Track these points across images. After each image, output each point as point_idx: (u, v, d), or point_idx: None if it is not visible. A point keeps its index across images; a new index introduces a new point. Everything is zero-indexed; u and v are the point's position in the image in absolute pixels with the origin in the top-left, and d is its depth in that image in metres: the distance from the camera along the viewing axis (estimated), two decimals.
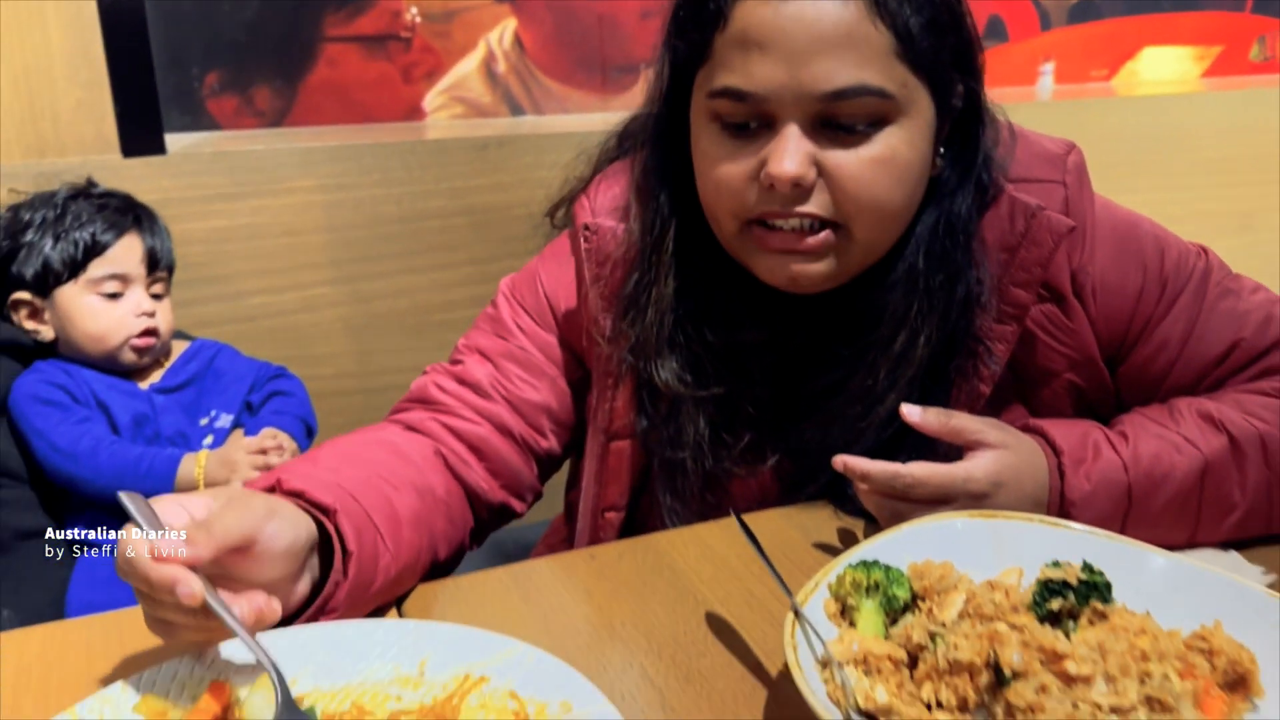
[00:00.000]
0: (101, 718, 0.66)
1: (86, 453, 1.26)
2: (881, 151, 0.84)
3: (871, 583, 0.72)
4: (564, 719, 0.65)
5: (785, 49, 0.82)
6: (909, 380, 0.92)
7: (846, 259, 0.89)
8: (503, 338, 1.06)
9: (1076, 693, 0.60)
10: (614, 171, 1.04)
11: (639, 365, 0.97)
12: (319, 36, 1.78)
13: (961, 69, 0.89)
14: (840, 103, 0.82)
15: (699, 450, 0.97)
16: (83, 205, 1.35)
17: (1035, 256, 0.92)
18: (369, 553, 0.79)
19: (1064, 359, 0.98)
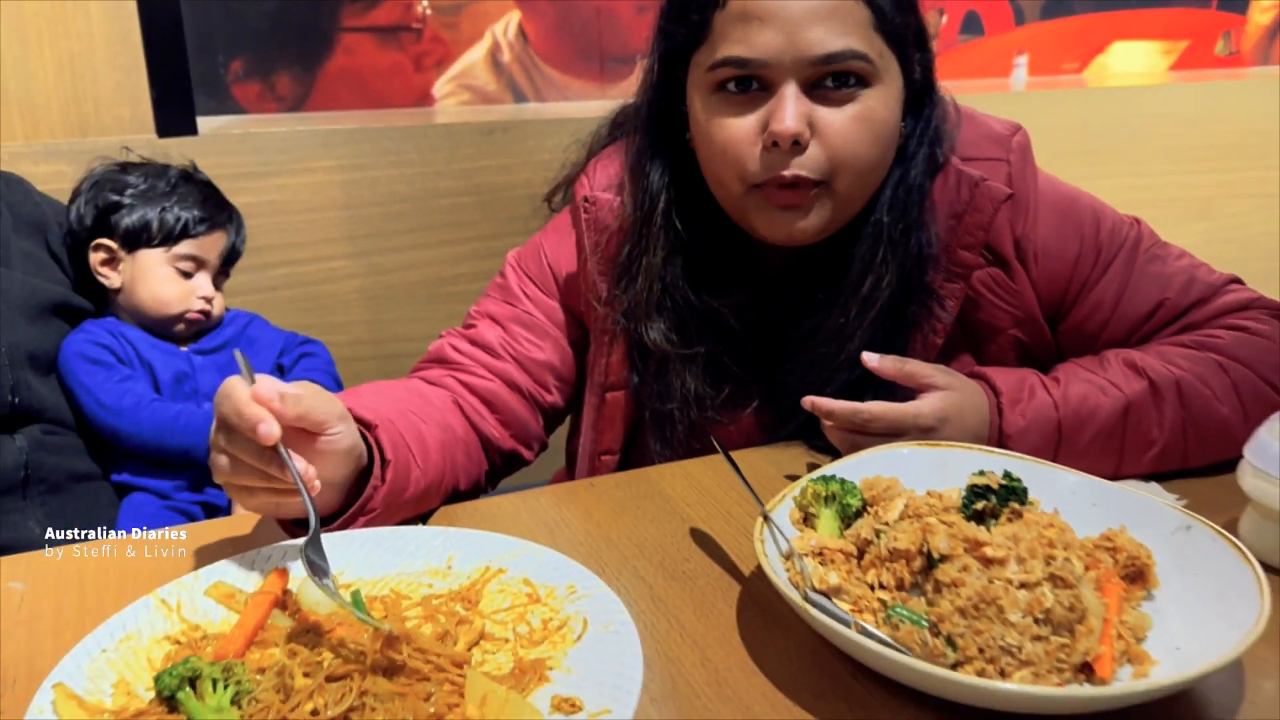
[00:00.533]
0: (179, 599, 0.79)
1: (129, 409, 1.35)
2: (863, 110, 0.97)
3: (829, 493, 0.85)
4: (570, 600, 0.78)
5: (782, 20, 0.95)
6: (873, 320, 1.04)
7: (832, 212, 1.01)
8: (510, 304, 1.17)
9: (992, 572, 0.73)
10: (609, 154, 1.15)
11: (630, 327, 1.09)
12: (336, 27, 1.85)
13: (918, 45, 1.03)
14: (831, 65, 0.95)
15: (685, 402, 1.09)
16: (191, 189, 1.46)
17: (978, 221, 1.04)
18: (403, 465, 0.91)
19: (1009, 317, 1.10)
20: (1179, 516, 0.82)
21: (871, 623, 0.73)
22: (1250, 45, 2.70)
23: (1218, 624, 0.72)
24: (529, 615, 0.77)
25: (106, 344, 1.40)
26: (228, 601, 0.79)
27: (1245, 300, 1.08)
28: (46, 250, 1.39)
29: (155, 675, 0.68)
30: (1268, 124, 2.53)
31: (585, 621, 0.74)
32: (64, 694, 0.66)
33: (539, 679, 0.70)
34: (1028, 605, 0.70)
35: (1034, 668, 0.68)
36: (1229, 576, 0.75)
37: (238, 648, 0.73)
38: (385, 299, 1.84)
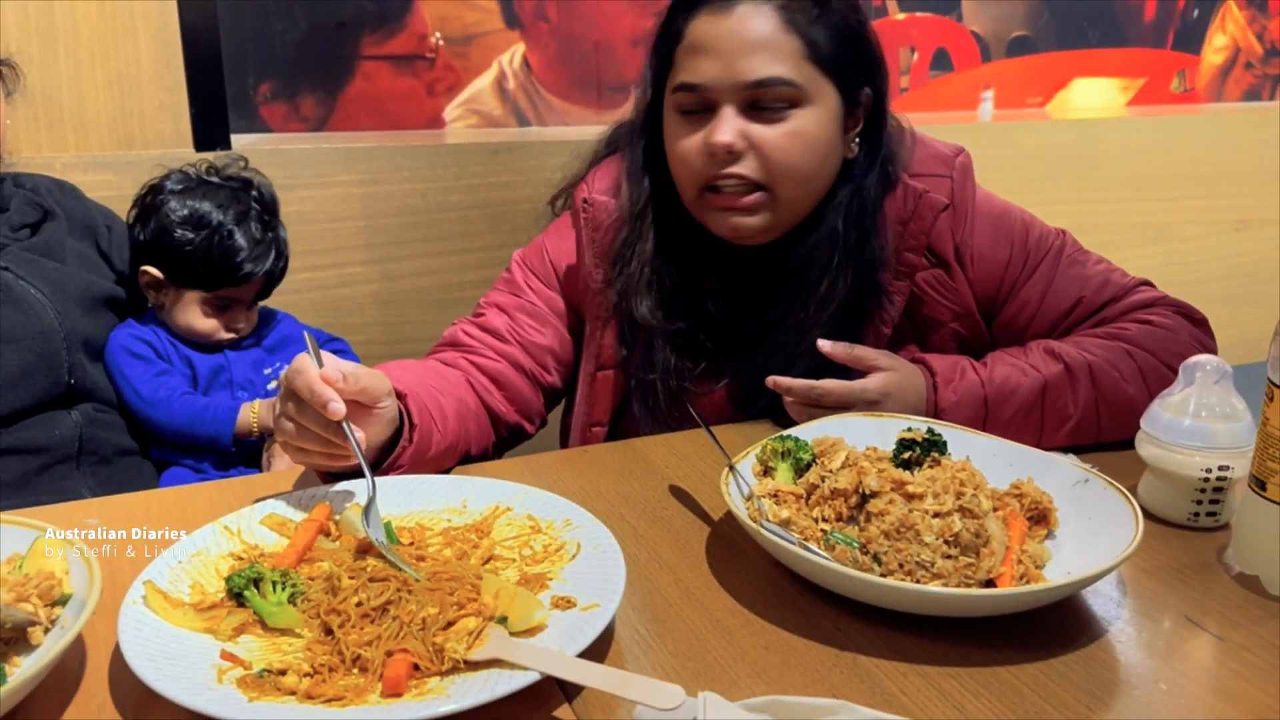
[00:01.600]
0: (239, 526, 0.94)
1: (163, 401, 1.48)
2: (794, 127, 1.14)
3: (785, 449, 1.00)
4: (566, 530, 0.93)
5: (721, 51, 1.14)
6: (830, 315, 1.20)
7: (775, 215, 1.18)
8: (516, 295, 1.33)
9: (913, 504, 0.88)
10: (606, 164, 1.33)
11: (622, 304, 1.25)
12: (356, 55, 1.99)
13: (864, 74, 1.19)
14: (761, 90, 1.13)
15: (666, 373, 1.25)
16: (246, 230, 1.51)
17: (920, 227, 1.21)
18: (426, 430, 1.06)
19: (949, 312, 1.26)
20: (1079, 472, 0.98)
21: (815, 547, 0.89)
22: (1204, 83, 2.86)
23: (1104, 553, 0.86)
24: (532, 542, 0.92)
25: (148, 340, 1.53)
26: (280, 529, 0.94)
27: (1152, 299, 1.24)
28: (96, 250, 1.54)
29: (225, 577, 0.83)
30: (1219, 156, 2.68)
31: (579, 545, 0.90)
32: (152, 588, 0.81)
33: (541, 586, 0.85)
34: (939, 530, 0.85)
35: (944, 580, 0.84)
36: (1117, 518, 0.90)
37: (290, 561, 0.88)
38: (397, 303, 1.96)
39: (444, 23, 2.04)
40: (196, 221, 1.51)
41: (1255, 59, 2.91)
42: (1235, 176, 2.70)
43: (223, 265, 1.51)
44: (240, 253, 1.51)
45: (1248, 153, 2.70)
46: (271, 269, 1.56)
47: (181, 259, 1.50)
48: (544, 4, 2.11)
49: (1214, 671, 0.79)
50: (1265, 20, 2.87)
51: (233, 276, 1.52)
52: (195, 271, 1.51)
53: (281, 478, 1.13)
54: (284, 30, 1.93)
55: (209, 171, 1.58)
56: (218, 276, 1.52)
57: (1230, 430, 0.98)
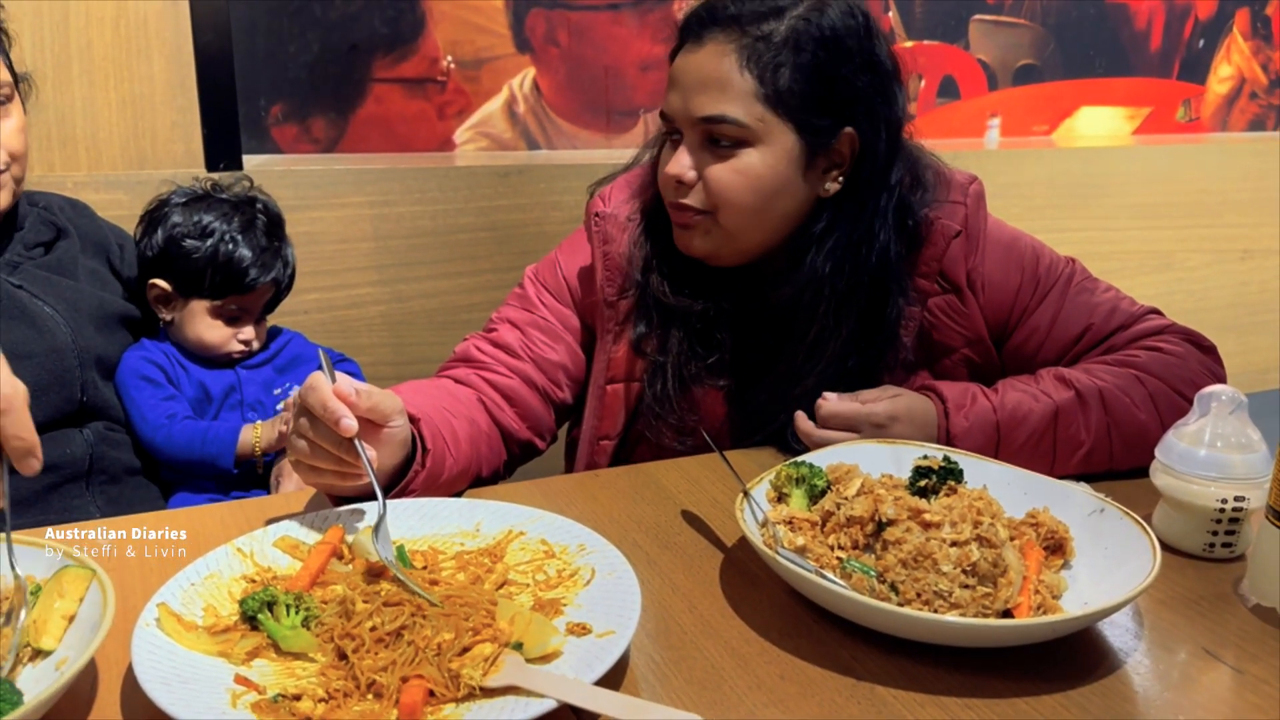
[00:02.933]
0: (251, 549, 0.93)
1: (163, 426, 1.47)
2: (741, 165, 1.16)
3: (799, 475, 1.00)
4: (580, 555, 0.92)
5: (684, 85, 1.17)
6: (827, 362, 1.22)
7: (721, 240, 1.21)
8: (528, 310, 1.34)
9: (930, 533, 0.88)
10: (623, 178, 1.34)
11: (644, 281, 1.26)
12: (368, 77, 2.00)
13: (841, 116, 1.16)
14: (710, 125, 1.16)
15: (679, 355, 1.27)
16: (250, 239, 1.52)
17: (933, 254, 1.22)
18: (439, 454, 1.06)
19: (961, 338, 1.27)
20: (1094, 501, 0.97)
21: (831, 574, 0.88)
22: (1209, 113, 2.87)
23: (1121, 584, 0.86)
24: (545, 567, 0.92)
25: (159, 363, 1.53)
26: (293, 551, 0.93)
27: (1161, 326, 1.25)
28: (109, 268, 1.54)
29: (239, 600, 0.83)
30: (1224, 185, 2.69)
31: (593, 570, 0.89)
32: (165, 611, 0.81)
33: (555, 612, 0.84)
34: (957, 559, 0.85)
35: (962, 610, 0.83)
36: (1133, 548, 0.90)
37: (304, 584, 0.87)
38: (406, 324, 1.97)
39: (455, 46, 2.06)
40: (201, 231, 1.51)
41: (1260, 89, 2.92)
42: (1241, 206, 2.71)
43: (229, 272, 1.51)
44: (246, 259, 1.52)
45: (1253, 182, 2.71)
46: (278, 278, 1.57)
47: (188, 267, 1.51)
48: (555, 29, 2.12)
49: (1232, 704, 0.78)
50: (1270, 51, 2.89)
51: (239, 283, 1.52)
52: (201, 279, 1.51)
53: (292, 499, 1.12)
54: (296, 52, 1.94)
55: (214, 188, 1.59)
56: (224, 284, 1.52)
57: (1246, 461, 0.98)
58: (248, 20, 1.88)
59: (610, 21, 2.15)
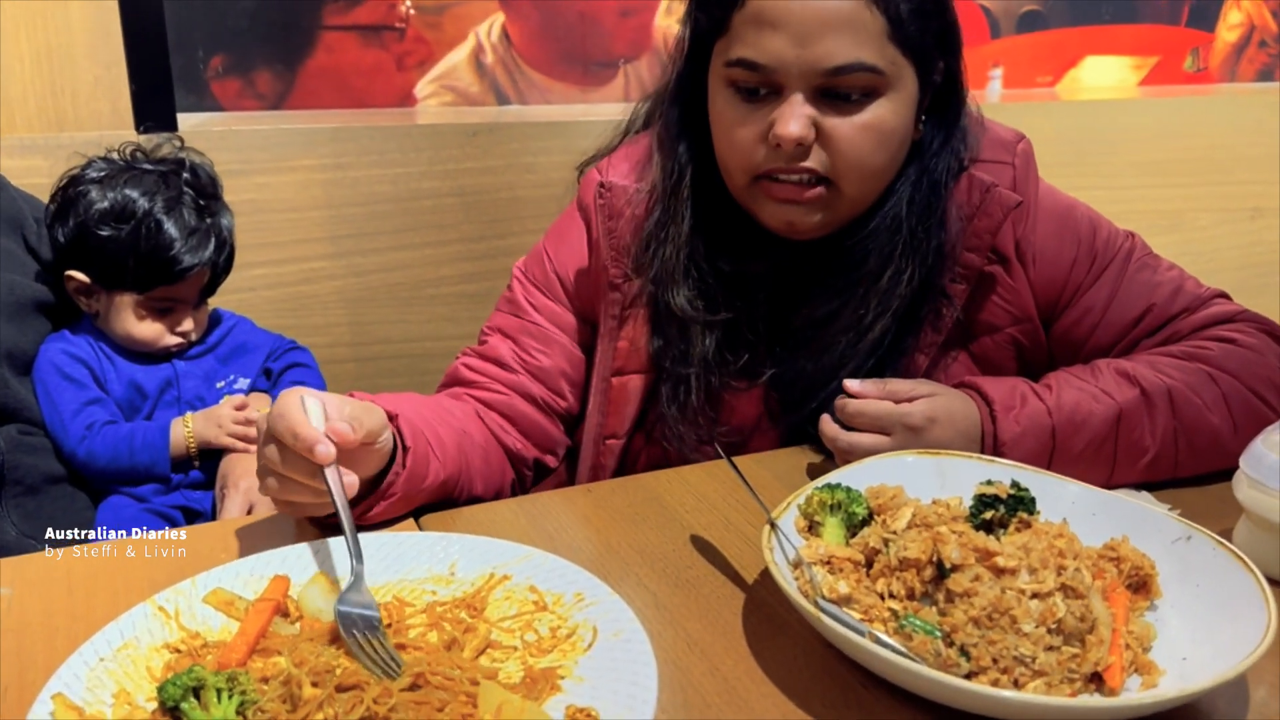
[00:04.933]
0: (176, 606, 0.77)
1: (84, 438, 1.30)
2: (871, 119, 0.99)
3: (835, 501, 0.85)
4: (578, 608, 0.77)
5: (794, 29, 0.96)
6: (893, 315, 1.06)
7: (836, 211, 1.04)
8: (518, 316, 1.19)
9: (1004, 581, 0.73)
10: (623, 148, 1.17)
11: (657, 293, 1.10)
12: (318, 25, 1.83)
13: (943, 49, 1.04)
14: (839, 77, 0.97)
15: (704, 366, 1.11)
16: (173, 223, 1.33)
17: (986, 225, 1.06)
18: (421, 454, 0.93)
19: (1007, 315, 1.12)
20: (1179, 526, 0.83)
21: (882, 631, 0.73)
22: (1218, 62, 2.75)
23: (1222, 634, 0.73)
24: (536, 623, 0.76)
25: (83, 357, 1.35)
26: (227, 609, 0.77)
27: (1232, 313, 1.10)
28: (24, 247, 1.35)
29: (158, 685, 0.67)
30: (1233, 139, 2.58)
31: (595, 630, 0.74)
32: (63, 704, 0.65)
33: (551, 688, 0.69)
34: (1041, 616, 0.70)
35: (1047, 678, 0.69)
36: (1231, 587, 0.76)
37: (240, 656, 0.71)
38: (366, 301, 1.83)
39: None
40: (119, 213, 1.32)
41: (1270, 37, 2.79)
42: (1251, 162, 2.60)
43: (154, 260, 1.32)
44: (173, 244, 1.33)
45: (1265, 137, 2.60)
46: (214, 260, 1.38)
47: (107, 258, 1.32)
48: None
49: None
50: None
51: (168, 272, 1.34)
52: (124, 271, 1.32)
53: (234, 528, 0.95)
54: None
55: (136, 155, 1.39)
56: (151, 274, 1.33)
57: None
58: None
59: None
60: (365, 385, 1.83)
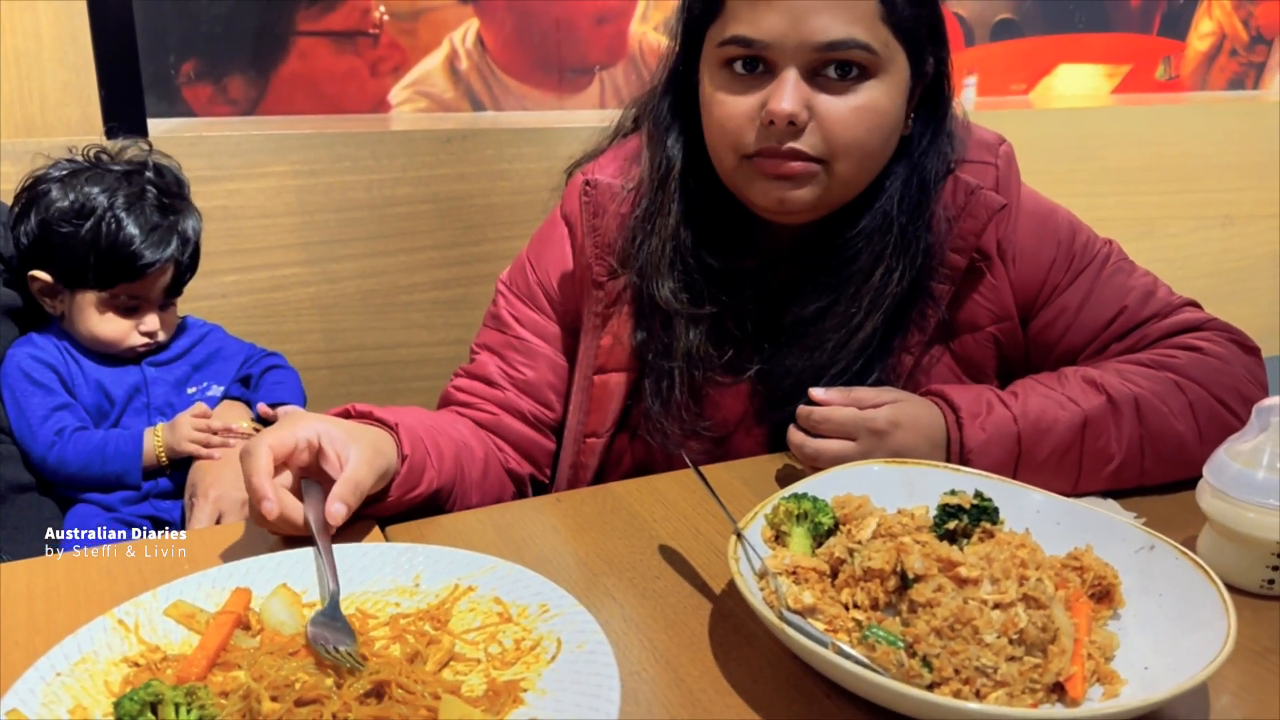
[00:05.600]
0: (136, 619, 0.76)
1: (54, 443, 1.30)
2: (864, 100, 0.99)
3: (801, 511, 0.85)
4: (543, 619, 0.77)
5: (789, 5, 0.96)
6: (882, 313, 1.07)
7: (827, 191, 1.03)
8: (502, 331, 1.20)
9: (967, 592, 0.73)
10: (618, 145, 1.18)
11: (642, 285, 1.10)
12: (291, 30, 1.82)
13: (933, 40, 1.05)
14: (833, 53, 0.97)
15: (689, 360, 1.11)
16: (137, 217, 1.32)
17: (971, 227, 1.07)
18: (419, 461, 0.94)
19: (989, 314, 1.13)
20: (1142, 536, 0.84)
21: (846, 642, 0.73)
22: (1189, 70, 2.78)
23: (1183, 643, 0.73)
24: (500, 635, 0.76)
25: (50, 362, 1.34)
26: (188, 621, 0.76)
27: (1200, 320, 1.11)
28: None
29: (115, 700, 0.66)
30: (1205, 147, 2.60)
31: (559, 642, 0.74)
32: None
33: (513, 701, 0.69)
34: (1002, 626, 0.70)
35: (1009, 688, 0.69)
36: (1193, 596, 0.76)
37: (200, 670, 0.71)
38: (339, 308, 1.82)
39: None
40: (80, 210, 1.31)
41: (1240, 46, 2.83)
42: (1222, 170, 2.63)
43: (115, 256, 1.31)
44: (134, 240, 1.32)
45: (1235, 145, 2.63)
46: (177, 258, 1.37)
47: (68, 255, 1.31)
48: None
49: None
50: (1251, 6, 2.79)
51: (129, 268, 1.32)
52: (85, 268, 1.31)
53: (199, 540, 0.95)
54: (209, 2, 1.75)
55: (100, 157, 1.38)
56: (112, 271, 1.32)
57: None
58: None
59: None
60: (339, 392, 1.83)
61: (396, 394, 1.89)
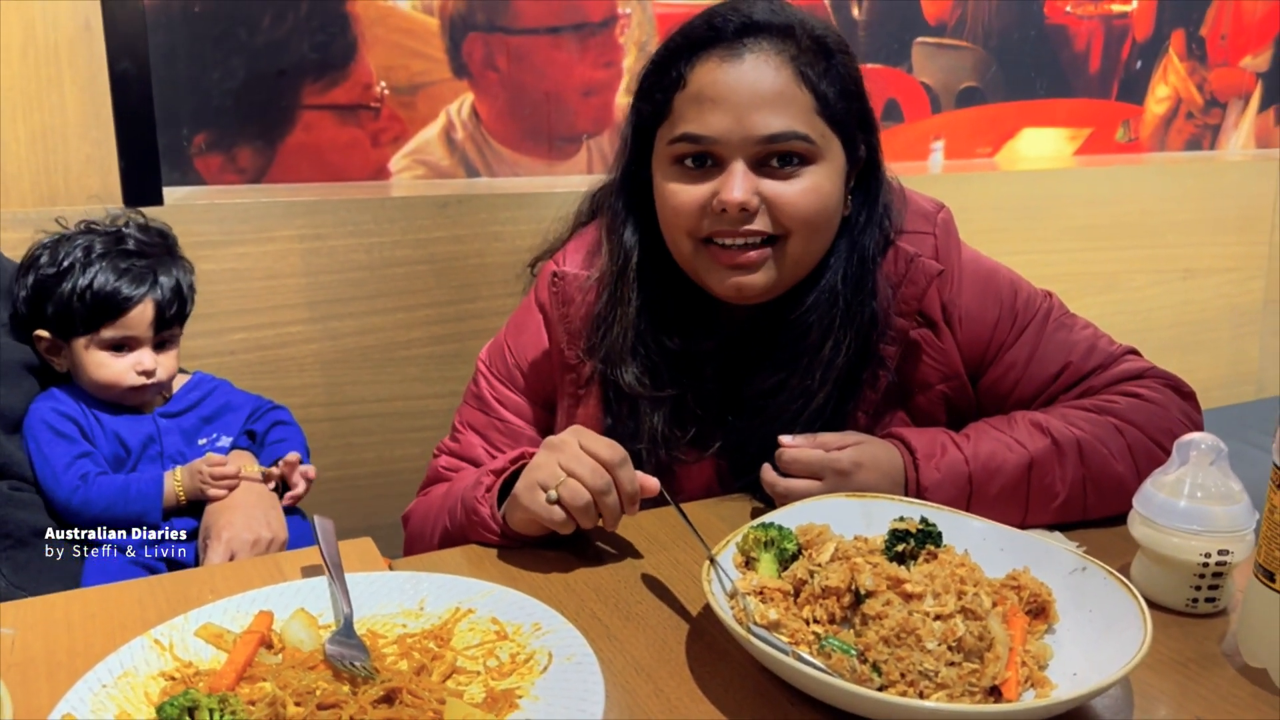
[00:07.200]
0: (170, 640, 0.84)
1: (78, 488, 1.37)
2: (808, 183, 1.09)
3: (769, 539, 0.94)
4: (535, 636, 0.85)
5: (733, 103, 1.07)
6: (834, 381, 1.15)
7: (780, 272, 1.13)
8: (485, 413, 1.28)
9: (912, 605, 0.82)
10: (577, 237, 1.27)
11: (606, 371, 1.18)
12: (297, 104, 1.91)
13: (863, 128, 1.15)
14: (775, 145, 1.07)
15: (653, 442, 1.19)
16: (109, 264, 1.40)
17: (912, 293, 1.16)
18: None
19: (937, 373, 1.21)
20: (1075, 559, 0.93)
21: (807, 653, 0.82)
22: (1148, 132, 2.90)
23: (1109, 651, 0.81)
24: (498, 650, 0.84)
25: (72, 415, 1.42)
26: (217, 641, 0.85)
27: (1140, 369, 1.20)
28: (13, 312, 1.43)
29: (156, 706, 0.74)
30: (1164, 205, 2.71)
31: (550, 655, 0.82)
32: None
33: (510, 706, 0.77)
34: (942, 635, 0.79)
35: (949, 690, 0.78)
36: (1118, 611, 0.85)
37: (229, 682, 0.79)
38: (341, 363, 1.89)
39: (389, 72, 1.98)
40: (62, 265, 1.40)
41: (1196, 109, 2.96)
42: (1182, 226, 2.72)
43: (94, 297, 1.39)
44: (109, 280, 1.40)
45: (1194, 202, 2.73)
46: (158, 299, 1.42)
47: (57, 307, 1.39)
48: (494, 53, 2.05)
49: None
50: (1205, 71, 2.92)
51: (110, 306, 1.40)
52: (72, 315, 1.39)
53: (220, 573, 1.03)
54: (221, 79, 1.85)
55: (86, 225, 1.47)
56: (94, 312, 1.39)
57: (1229, 513, 0.94)
58: (168, 46, 1.79)
59: (550, 46, 2.09)
60: (340, 443, 1.90)
61: (394, 444, 1.95)
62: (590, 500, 0.98)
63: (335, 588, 0.89)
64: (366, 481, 1.92)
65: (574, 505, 0.98)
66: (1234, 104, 3.00)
